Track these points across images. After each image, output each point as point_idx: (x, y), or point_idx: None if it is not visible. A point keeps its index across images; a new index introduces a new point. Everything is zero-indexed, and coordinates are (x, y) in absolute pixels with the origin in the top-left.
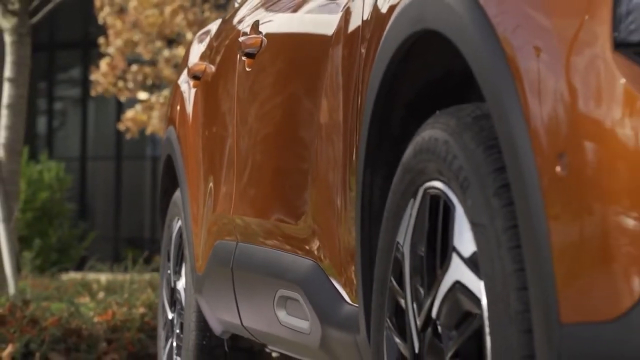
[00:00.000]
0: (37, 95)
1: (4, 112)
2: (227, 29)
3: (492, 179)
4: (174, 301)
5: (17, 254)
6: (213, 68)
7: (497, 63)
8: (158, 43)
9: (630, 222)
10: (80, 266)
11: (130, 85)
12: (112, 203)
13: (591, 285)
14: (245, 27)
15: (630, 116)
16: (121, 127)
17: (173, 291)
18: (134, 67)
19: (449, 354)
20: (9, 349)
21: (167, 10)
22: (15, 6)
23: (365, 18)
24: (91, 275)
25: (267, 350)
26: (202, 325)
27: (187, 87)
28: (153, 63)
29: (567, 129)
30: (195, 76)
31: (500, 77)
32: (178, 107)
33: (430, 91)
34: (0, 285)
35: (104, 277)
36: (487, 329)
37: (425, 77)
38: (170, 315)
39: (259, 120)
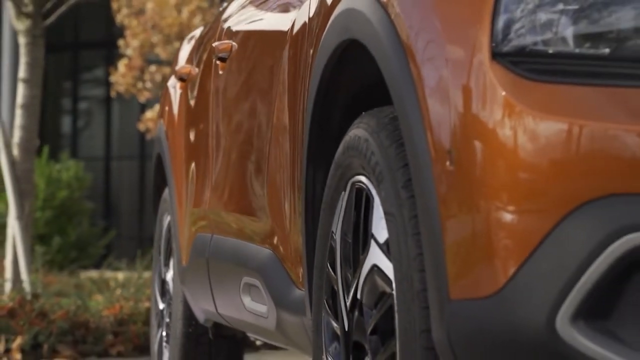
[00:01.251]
0: (61, 95)
1: (18, 112)
2: (209, 34)
3: (401, 173)
4: (164, 292)
5: (31, 250)
6: (196, 71)
7: (402, 70)
8: (176, 44)
9: (505, 213)
10: (100, 264)
11: (149, 85)
12: (136, 202)
13: (473, 266)
14: (220, 31)
15: (506, 119)
16: (141, 127)
17: (163, 283)
18: (152, 68)
19: (368, 330)
20: (18, 340)
21: (185, 11)
22: (29, 8)
23: (308, 20)
24: (108, 274)
25: (252, 338)
26: (188, 314)
27: (174, 88)
28: (171, 64)
29: (454, 129)
30: (181, 78)
31: (404, 82)
32: (166, 108)
33: (367, 94)
34: (15, 280)
35: (121, 275)
36: (395, 307)
37: (361, 81)
38: (161, 306)
39: (228, 122)
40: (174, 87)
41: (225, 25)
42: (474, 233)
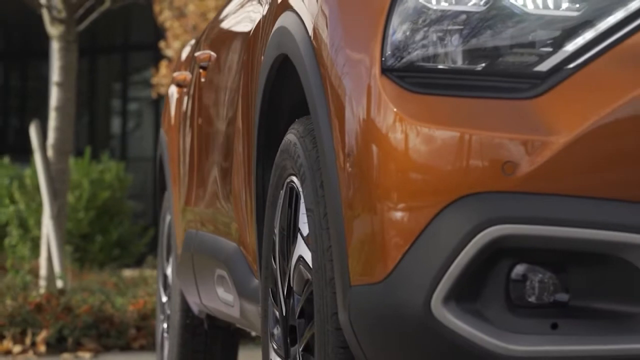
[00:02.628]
0: (111, 96)
1: (53, 114)
2: (202, 42)
3: (319, 174)
4: (166, 286)
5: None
6: (189, 77)
7: (316, 82)
8: None
9: (390, 210)
10: (141, 262)
11: None
12: None
13: (368, 255)
14: (204, 40)
15: (392, 128)
16: None
17: (165, 277)
18: None
19: (296, 314)
20: (43, 334)
21: None
22: (62, 15)
23: (261, 31)
24: (148, 272)
25: (247, 329)
26: (185, 306)
27: (172, 93)
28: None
29: (353, 135)
30: (178, 84)
31: (317, 93)
32: (166, 112)
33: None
34: (49, 278)
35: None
36: (314, 293)
37: (301, 90)
38: (163, 299)
39: (206, 126)
40: (172, 92)
41: (208, 34)
42: (367, 227)
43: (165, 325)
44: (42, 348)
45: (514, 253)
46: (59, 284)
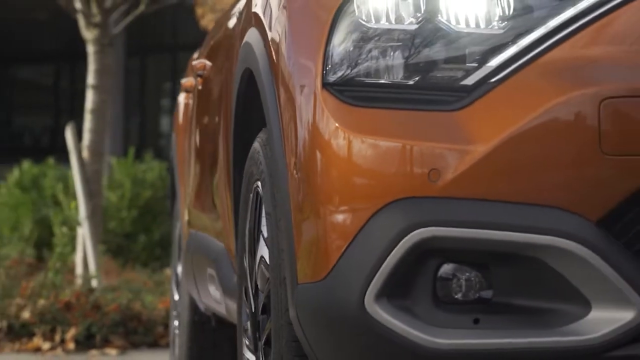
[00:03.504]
0: (161, 96)
1: (88, 116)
2: (202, 50)
3: (276, 180)
4: (178, 285)
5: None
6: (194, 84)
7: (271, 94)
8: None
9: (330, 213)
10: None
11: None
12: None
13: (311, 255)
14: (203, 49)
15: (331, 138)
16: None
17: (177, 276)
18: None
19: (259, 311)
20: (72, 331)
21: None
22: (97, 19)
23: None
24: None
25: None
26: (193, 304)
27: (181, 99)
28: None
29: (300, 143)
30: (186, 90)
31: (271, 103)
32: (176, 116)
33: None
34: (84, 277)
35: None
36: (270, 290)
37: None
38: (176, 297)
39: (201, 132)
40: (181, 97)
41: (206, 42)
42: (312, 229)
43: (176, 322)
44: (70, 345)
45: (441, 253)
46: (94, 282)
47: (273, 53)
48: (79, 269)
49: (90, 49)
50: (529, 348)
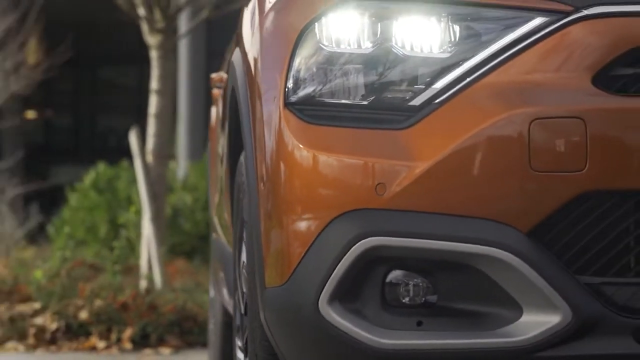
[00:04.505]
0: None
1: (152, 121)
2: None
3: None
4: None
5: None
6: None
7: (246, 110)
8: None
9: (290, 223)
10: None
11: None
12: None
13: (276, 260)
14: (223, 62)
15: (291, 154)
16: None
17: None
18: None
19: (242, 309)
20: (127, 331)
21: None
22: (160, 25)
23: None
24: None
25: None
26: (224, 305)
27: (213, 109)
28: None
29: (265, 157)
30: (216, 86)
31: (246, 119)
32: (210, 125)
33: None
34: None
35: None
36: (247, 293)
37: None
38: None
39: (218, 143)
40: (213, 107)
41: (226, 56)
42: (277, 236)
43: (212, 322)
44: (126, 344)
45: (388, 261)
46: (158, 283)
47: (249, 72)
48: (143, 270)
49: (154, 54)
50: (466, 349)
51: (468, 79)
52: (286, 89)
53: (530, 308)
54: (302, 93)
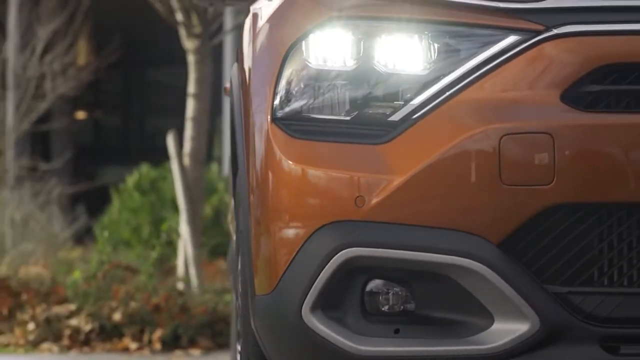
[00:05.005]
0: None
1: (189, 124)
2: None
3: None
4: None
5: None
6: None
7: (239, 121)
8: None
9: (277, 234)
10: None
11: None
12: None
13: (265, 269)
14: None
15: (278, 166)
16: None
17: None
18: None
19: (240, 315)
20: (159, 332)
21: None
22: (197, 30)
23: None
24: None
25: None
26: None
27: None
28: None
29: (255, 169)
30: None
31: (239, 130)
32: None
33: None
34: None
35: None
36: (241, 299)
37: None
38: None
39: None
40: None
41: None
42: (265, 245)
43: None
44: (157, 346)
45: (367, 270)
46: (194, 285)
47: (243, 87)
48: (179, 272)
49: (191, 58)
50: (439, 355)
51: (444, 96)
52: (274, 105)
53: (500, 316)
54: (288, 108)
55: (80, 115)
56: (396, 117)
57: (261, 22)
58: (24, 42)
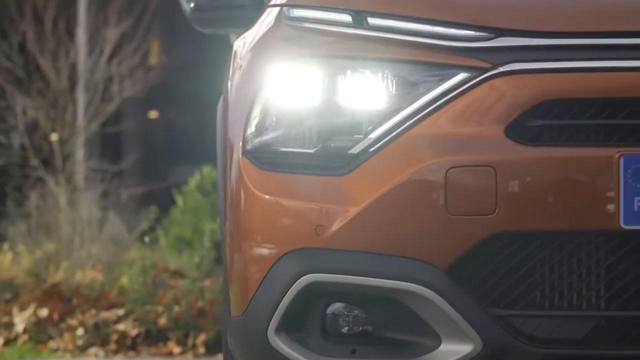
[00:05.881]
0: None
1: None
2: None
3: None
4: None
5: None
6: None
7: (220, 153)
8: None
9: (246, 260)
10: None
11: None
12: None
13: (238, 292)
14: None
15: (247, 195)
16: None
17: None
18: None
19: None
20: (202, 336)
21: None
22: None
23: None
24: None
25: None
26: None
27: None
28: None
29: (230, 194)
30: None
31: (221, 157)
32: None
33: None
34: None
35: None
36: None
37: None
38: None
39: None
40: None
41: None
42: (237, 270)
43: None
44: (201, 350)
45: (327, 294)
46: None
47: (224, 119)
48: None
49: None
50: None
51: (398, 130)
52: (245, 138)
53: (447, 338)
54: (258, 142)
55: (150, 116)
56: (355, 150)
57: (239, 58)
58: (91, 44)
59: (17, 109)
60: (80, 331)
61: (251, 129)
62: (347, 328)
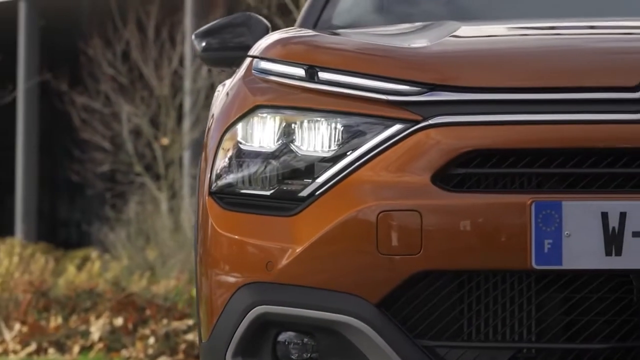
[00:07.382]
0: None
1: None
2: None
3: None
4: None
5: None
6: None
7: (198, 192)
8: None
9: (211, 289)
10: None
11: None
12: None
13: (205, 318)
14: None
15: (212, 234)
16: None
17: None
18: None
19: None
20: None
21: None
22: None
23: None
24: None
25: None
26: None
27: None
28: None
29: (200, 230)
30: None
31: (197, 194)
32: None
33: None
34: None
35: None
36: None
37: None
38: None
39: None
40: None
41: None
42: (202, 304)
43: None
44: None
45: (277, 324)
46: None
47: (203, 159)
48: None
49: None
50: None
51: (340, 175)
52: (211, 179)
53: None
54: (220, 184)
55: None
56: (305, 192)
57: (216, 102)
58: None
59: (122, 116)
60: (151, 340)
61: (216, 171)
62: (296, 355)
